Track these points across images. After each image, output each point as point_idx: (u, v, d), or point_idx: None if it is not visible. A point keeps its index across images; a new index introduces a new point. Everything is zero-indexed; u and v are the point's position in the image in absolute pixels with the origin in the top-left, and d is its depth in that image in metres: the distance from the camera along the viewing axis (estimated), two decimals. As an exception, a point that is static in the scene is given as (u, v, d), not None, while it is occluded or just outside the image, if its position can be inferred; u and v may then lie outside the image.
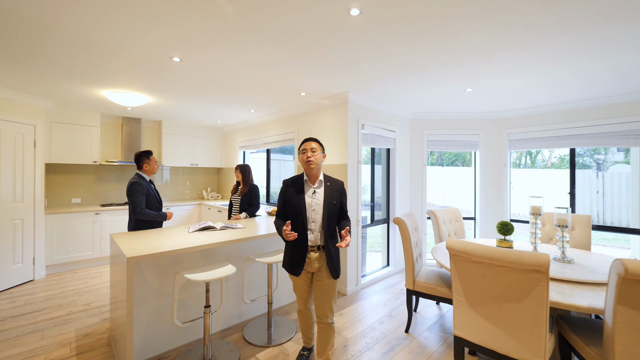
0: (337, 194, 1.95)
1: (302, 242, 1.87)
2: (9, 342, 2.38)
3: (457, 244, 1.72)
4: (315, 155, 1.89)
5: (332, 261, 1.89)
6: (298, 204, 1.87)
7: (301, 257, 1.89)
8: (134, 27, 1.93)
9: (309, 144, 1.92)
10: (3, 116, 3.27)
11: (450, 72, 2.66)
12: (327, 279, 1.90)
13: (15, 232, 3.44)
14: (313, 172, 1.91)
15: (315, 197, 1.89)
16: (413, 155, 4.45)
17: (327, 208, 1.88)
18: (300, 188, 1.91)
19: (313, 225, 1.88)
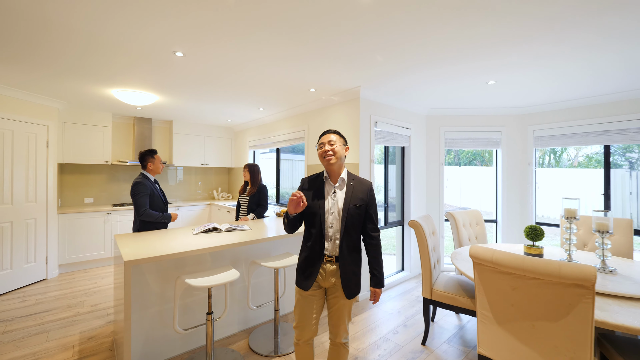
0: (361, 196, 1.61)
1: (318, 250, 1.58)
2: (14, 344, 2.36)
3: (482, 251, 1.52)
4: (334, 148, 1.59)
5: (346, 278, 1.57)
6: (316, 204, 1.59)
7: (314, 268, 1.58)
8: (133, 20, 1.84)
9: (326, 137, 1.63)
10: (16, 116, 3.31)
11: (470, 64, 2.44)
12: (342, 298, 1.60)
13: (28, 231, 3.47)
14: (334, 168, 1.61)
15: (335, 199, 1.60)
16: (429, 153, 4.22)
17: (347, 212, 1.56)
18: (319, 187, 1.64)
19: (330, 232, 1.58)
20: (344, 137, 1.67)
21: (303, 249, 1.67)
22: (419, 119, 4.10)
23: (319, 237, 1.58)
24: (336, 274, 1.58)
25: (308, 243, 1.62)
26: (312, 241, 1.60)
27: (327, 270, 1.59)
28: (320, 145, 1.63)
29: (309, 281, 1.58)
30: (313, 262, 1.59)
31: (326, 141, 1.61)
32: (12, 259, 3.31)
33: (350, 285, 1.58)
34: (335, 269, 1.58)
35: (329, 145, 1.60)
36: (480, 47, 2.16)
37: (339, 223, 1.57)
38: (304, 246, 1.66)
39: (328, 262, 1.59)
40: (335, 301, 1.62)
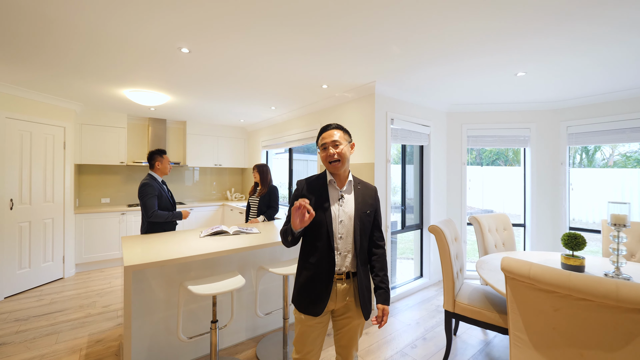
0: (370, 202, 1.44)
1: (327, 267, 1.34)
2: (25, 345, 2.35)
3: (517, 265, 1.31)
4: (340, 151, 1.35)
5: (362, 295, 1.37)
6: (321, 213, 1.35)
7: (325, 289, 1.33)
8: (134, 15, 1.76)
9: (329, 135, 1.37)
10: (34, 118, 3.37)
11: (497, 54, 2.20)
12: (356, 318, 1.39)
13: (46, 231, 3.53)
14: (340, 173, 1.40)
15: (344, 205, 1.38)
16: (450, 153, 3.96)
17: (360, 220, 1.38)
18: (323, 192, 1.39)
19: (340, 244, 1.35)
20: (348, 132, 1.45)
21: (304, 267, 1.40)
22: (439, 116, 3.85)
23: (327, 251, 1.33)
24: (349, 293, 1.37)
25: (312, 259, 1.36)
26: (317, 257, 1.35)
27: (338, 290, 1.36)
28: (323, 146, 1.39)
29: (319, 306, 1.32)
30: (322, 282, 1.33)
31: (330, 142, 1.36)
32: (30, 258, 3.38)
33: (366, 304, 1.39)
34: (348, 287, 1.37)
35: (334, 147, 1.35)
36: (509, 35, 1.93)
37: (351, 233, 1.36)
38: (306, 263, 1.39)
39: (339, 280, 1.36)
40: (348, 322, 1.40)
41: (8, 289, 3.18)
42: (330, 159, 1.36)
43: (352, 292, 1.38)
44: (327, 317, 1.40)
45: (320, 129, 1.43)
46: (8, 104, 3.13)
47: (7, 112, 3.11)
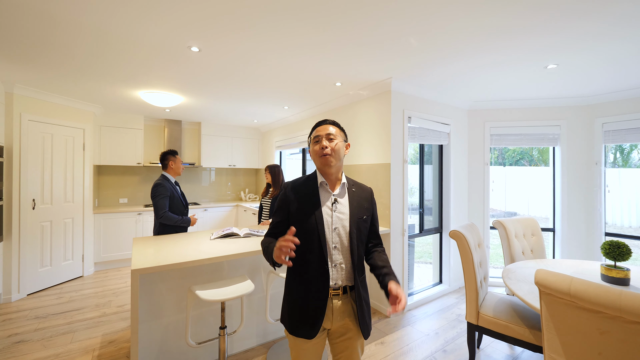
0: (367, 206, 1.29)
1: (321, 282, 1.16)
2: (42, 343, 2.39)
3: (555, 279, 1.15)
4: (334, 144, 1.20)
5: (363, 310, 1.20)
6: (311, 220, 1.18)
7: (319, 308, 1.16)
8: (143, 13, 1.72)
9: (323, 128, 1.23)
10: (55, 120, 3.46)
11: (525, 45, 2.02)
12: (357, 338, 1.22)
13: (66, 230, 3.62)
14: (332, 171, 1.23)
15: (338, 210, 1.21)
16: (472, 152, 3.75)
17: (357, 227, 1.22)
18: (313, 195, 1.22)
19: (335, 255, 1.19)
20: (344, 130, 1.31)
21: (295, 282, 1.23)
22: (460, 113, 3.65)
23: (320, 263, 1.16)
24: (347, 310, 1.21)
25: (303, 273, 1.20)
26: (309, 270, 1.18)
27: (335, 307, 1.19)
28: (316, 139, 1.23)
29: (313, 327, 1.16)
30: (316, 300, 1.17)
31: (324, 134, 1.21)
32: (51, 257, 3.47)
33: (366, 321, 1.22)
34: (346, 304, 1.21)
35: (328, 140, 1.20)
36: (541, 22, 1.76)
37: (347, 242, 1.20)
38: (297, 278, 1.22)
39: (335, 296, 1.19)
40: (349, 343, 1.22)
41: (31, 287, 3.28)
42: (322, 153, 1.19)
43: (350, 309, 1.21)
44: (323, 337, 1.24)
45: (316, 124, 1.28)
46: (31, 107, 3.23)
47: (29, 115, 3.21)
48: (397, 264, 2.97)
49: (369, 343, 2.43)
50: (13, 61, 2.47)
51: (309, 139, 1.29)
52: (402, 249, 3.02)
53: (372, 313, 2.98)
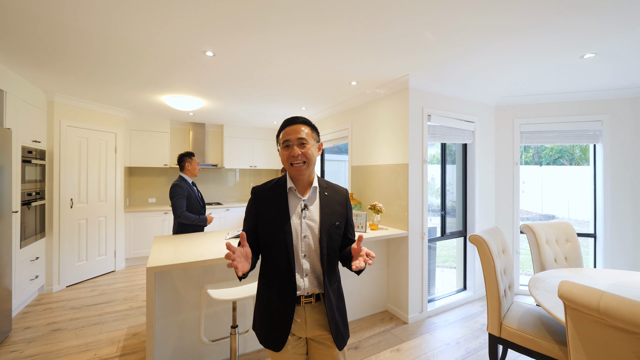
0: (340, 210, 1.21)
1: (288, 291, 1.12)
2: (75, 332, 2.57)
3: (581, 293, 1.03)
4: (306, 151, 1.12)
5: (335, 320, 1.15)
6: (279, 227, 1.12)
7: (285, 318, 1.11)
8: (160, 21, 1.79)
9: (295, 130, 1.12)
10: (90, 125, 3.73)
11: (557, 32, 1.85)
12: (333, 348, 1.17)
13: (100, 227, 3.89)
14: (303, 177, 1.16)
15: (308, 217, 1.15)
16: (499, 151, 3.52)
17: (328, 234, 1.15)
18: (281, 202, 1.15)
19: (306, 264, 1.14)
20: (316, 129, 1.21)
21: (262, 290, 1.19)
22: (486, 110, 3.44)
23: (287, 273, 1.12)
24: (323, 319, 1.16)
25: (270, 281, 1.16)
26: (277, 280, 1.14)
27: (307, 315, 1.14)
28: (285, 143, 1.12)
29: (281, 338, 1.11)
30: (283, 309, 1.12)
31: (295, 139, 1.11)
32: (87, 252, 3.74)
33: (341, 331, 1.16)
34: (319, 312, 1.16)
35: (300, 147, 1.11)
36: (573, 3, 1.59)
37: (317, 250, 1.14)
38: (264, 287, 1.18)
39: (306, 303, 1.14)
40: (324, 353, 1.16)
41: (69, 279, 3.55)
42: (294, 161, 1.11)
43: (324, 316, 1.16)
44: (301, 345, 1.17)
45: (284, 122, 1.17)
46: (69, 114, 3.50)
47: (68, 121, 3.48)
48: (415, 269, 2.85)
49: (384, 350, 2.36)
50: (54, 73, 2.69)
51: (277, 139, 1.18)
52: (421, 253, 2.89)
53: (390, 318, 2.89)
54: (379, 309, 3.03)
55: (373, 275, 2.99)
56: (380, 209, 2.86)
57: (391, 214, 3.00)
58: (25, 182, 2.91)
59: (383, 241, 3.06)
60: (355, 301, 2.86)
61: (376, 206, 2.87)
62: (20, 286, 2.84)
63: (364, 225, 2.77)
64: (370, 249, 2.86)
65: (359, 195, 3.50)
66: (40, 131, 3.18)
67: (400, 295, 2.90)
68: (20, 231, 2.82)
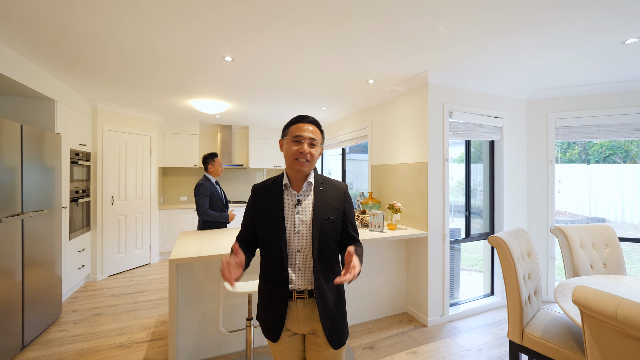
0: (336, 205, 1.20)
1: (281, 285, 1.15)
2: (113, 317, 2.83)
3: (597, 299, 0.95)
4: (314, 150, 1.16)
5: (328, 319, 1.14)
6: (273, 222, 1.16)
7: (280, 311, 1.14)
8: (185, 31, 1.92)
9: (305, 128, 1.15)
10: (128, 129, 4.07)
11: (595, 14, 1.70)
12: (327, 347, 1.15)
13: (137, 223, 4.22)
14: (300, 175, 1.18)
15: (301, 212, 1.16)
16: (532, 148, 3.29)
17: (320, 229, 1.15)
18: (277, 197, 1.18)
19: (299, 258, 1.15)
20: (323, 133, 1.23)
21: (262, 281, 1.23)
22: (516, 104, 3.23)
23: (279, 268, 1.14)
24: (313, 315, 1.16)
25: (267, 277, 1.19)
26: (272, 273, 1.17)
27: (299, 310, 1.15)
28: (297, 138, 1.14)
29: (276, 329, 1.15)
30: (276, 302, 1.15)
31: (307, 138, 1.14)
32: (126, 245, 4.09)
33: (335, 329, 1.15)
34: (312, 308, 1.16)
35: (310, 145, 1.14)
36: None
37: (309, 245, 1.14)
38: (262, 279, 1.22)
39: (299, 298, 1.15)
40: (317, 352, 1.16)
41: (110, 269, 3.90)
42: (301, 157, 1.13)
43: (316, 313, 1.15)
44: (298, 341, 1.20)
45: (298, 117, 1.19)
46: (109, 119, 3.85)
47: (109, 126, 3.83)
48: (436, 271, 2.76)
49: (400, 351, 2.32)
50: (97, 83, 2.98)
51: (286, 131, 1.19)
52: (442, 255, 2.80)
53: (409, 320, 2.82)
54: (398, 311, 2.97)
55: (392, 276, 2.94)
56: (398, 208, 2.81)
57: (411, 213, 2.93)
58: (73, 181, 3.25)
59: (403, 242, 3.00)
60: (372, 301, 2.83)
61: (394, 206, 2.83)
62: (69, 274, 3.18)
63: (381, 225, 2.74)
64: (388, 250, 2.86)
65: (379, 194, 3.46)
66: (85, 135, 3.53)
67: (420, 297, 2.83)
68: (69, 225, 3.16)
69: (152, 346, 2.36)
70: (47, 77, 2.73)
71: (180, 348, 2.14)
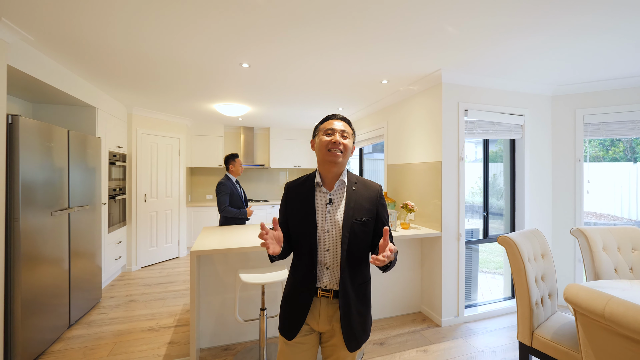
0: (368, 207, 1.17)
1: (308, 283, 1.15)
2: (144, 304, 3.11)
3: (587, 296, 0.96)
4: (346, 142, 1.16)
5: (348, 321, 1.13)
6: (305, 220, 1.16)
7: (302, 307, 1.15)
8: (206, 42, 2.10)
9: (336, 123, 1.18)
10: (159, 132, 4.40)
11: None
12: (342, 349, 1.15)
13: (167, 219, 4.55)
14: (334, 169, 1.16)
15: (332, 212, 1.16)
16: (558, 146, 3.15)
17: (350, 230, 1.13)
18: (309, 196, 1.19)
19: (329, 258, 1.15)
20: (354, 131, 1.24)
21: (290, 277, 1.24)
22: (540, 100, 3.10)
23: (309, 265, 1.15)
24: (335, 315, 1.15)
25: (295, 272, 1.21)
26: (300, 271, 1.19)
27: (322, 308, 1.16)
28: (328, 132, 1.15)
29: (295, 326, 1.15)
30: (301, 299, 1.16)
31: (339, 130, 1.15)
32: (157, 239, 4.42)
33: (353, 332, 1.14)
34: (334, 308, 1.16)
35: (342, 136, 1.15)
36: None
37: (339, 245, 1.14)
38: (291, 274, 1.24)
39: (324, 297, 1.15)
40: (332, 351, 1.17)
41: (143, 261, 4.25)
42: (334, 147, 1.13)
43: (338, 315, 1.15)
44: (313, 339, 1.19)
45: (328, 116, 1.22)
46: (143, 123, 4.20)
47: (142, 129, 4.17)
48: (450, 271, 2.74)
49: (410, 349, 2.34)
50: (132, 91, 3.28)
51: (317, 130, 1.21)
52: (456, 255, 2.77)
53: (422, 320, 2.83)
54: (412, 310, 2.98)
55: (406, 275, 2.96)
56: (412, 207, 2.82)
57: (426, 213, 2.92)
58: (111, 180, 3.59)
59: (417, 241, 3.00)
60: (385, 299, 2.87)
61: (408, 205, 2.84)
62: (108, 264, 3.52)
63: (393, 224, 2.77)
64: (402, 249, 2.89)
65: (395, 194, 3.47)
66: (122, 138, 3.88)
67: (433, 297, 2.82)
68: (108, 219, 3.50)
69: (177, 331, 2.58)
70: (90, 87, 3.05)
71: (200, 334, 2.33)
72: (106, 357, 2.21)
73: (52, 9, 1.70)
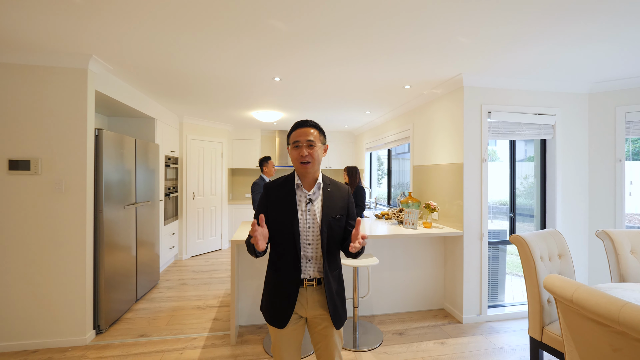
0: (341, 205, 1.34)
1: (294, 275, 1.27)
2: (194, 287, 3.60)
3: (561, 284, 1.08)
4: (313, 151, 1.27)
5: (334, 302, 1.29)
6: (288, 218, 1.28)
7: (291, 298, 1.26)
8: (247, 63, 2.45)
9: (304, 133, 1.27)
10: (205, 138, 4.96)
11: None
12: (330, 327, 1.31)
13: (211, 215, 5.11)
14: (309, 175, 1.31)
15: (312, 210, 1.30)
16: (594, 146, 3.02)
17: (328, 226, 1.29)
18: (290, 195, 1.31)
19: (310, 251, 1.30)
20: (323, 132, 1.35)
21: (272, 271, 1.34)
22: (575, 99, 3.01)
23: (293, 259, 1.27)
24: (322, 300, 1.31)
25: (279, 268, 1.31)
26: (284, 265, 1.29)
27: (308, 296, 1.30)
28: (295, 144, 1.28)
29: (285, 316, 1.26)
30: (288, 291, 1.27)
31: (304, 141, 1.26)
32: (203, 233, 4.99)
33: (338, 312, 1.30)
34: (320, 294, 1.31)
35: (308, 148, 1.26)
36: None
37: (318, 239, 1.29)
38: (272, 271, 1.34)
39: (309, 286, 1.30)
40: (325, 333, 1.31)
41: (192, 251, 4.83)
42: (303, 160, 1.26)
43: (324, 300, 1.30)
44: (301, 325, 1.34)
45: (295, 124, 1.31)
46: (192, 130, 4.77)
47: (192, 135, 4.75)
48: (472, 269, 2.80)
49: (428, 340, 2.48)
50: (183, 103, 3.81)
51: (288, 141, 1.34)
52: (479, 254, 2.82)
53: (444, 316, 2.93)
54: (434, 306, 3.08)
55: (429, 272, 3.07)
56: (434, 207, 2.93)
57: (450, 213, 3.01)
58: (167, 180, 4.18)
59: (440, 240, 3.10)
60: (406, 294, 3.01)
61: (430, 205, 2.95)
62: (164, 252, 4.11)
63: (414, 222, 2.90)
64: (424, 246, 3.02)
65: (419, 194, 3.58)
66: (175, 143, 4.47)
67: (455, 294, 2.90)
68: (164, 214, 4.08)
69: (221, 310, 2.99)
70: (150, 102, 3.62)
71: (239, 313, 2.70)
72: (165, 326, 2.68)
73: (130, 47, 2.16)
